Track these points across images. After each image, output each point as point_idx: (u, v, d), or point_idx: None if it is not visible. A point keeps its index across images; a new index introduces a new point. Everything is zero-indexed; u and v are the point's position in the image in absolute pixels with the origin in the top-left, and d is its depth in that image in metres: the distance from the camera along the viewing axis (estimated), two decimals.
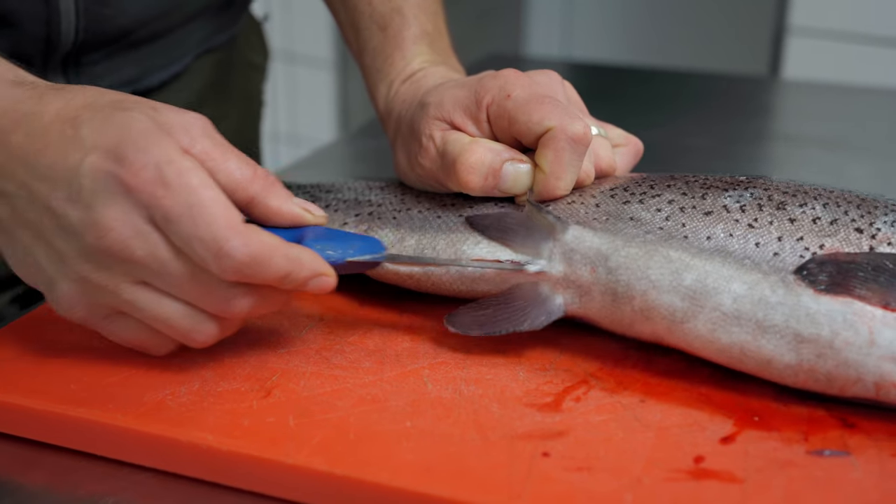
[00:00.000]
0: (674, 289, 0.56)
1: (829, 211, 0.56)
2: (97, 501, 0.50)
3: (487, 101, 0.62)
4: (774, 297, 0.54)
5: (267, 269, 0.52)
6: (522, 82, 0.62)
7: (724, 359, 0.56)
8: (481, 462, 0.49)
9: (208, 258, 0.51)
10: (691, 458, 0.50)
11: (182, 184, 0.51)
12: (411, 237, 0.65)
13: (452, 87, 0.65)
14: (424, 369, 0.58)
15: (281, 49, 2.42)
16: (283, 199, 0.56)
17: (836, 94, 1.40)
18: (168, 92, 0.90)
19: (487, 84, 0.63)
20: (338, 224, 0.68)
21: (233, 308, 0.54)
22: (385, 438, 0.51)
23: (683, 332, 0.56)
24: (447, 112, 0.63)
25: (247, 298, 0.54)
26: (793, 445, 0.51)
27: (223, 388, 0.55)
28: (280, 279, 0.53)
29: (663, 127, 1.23)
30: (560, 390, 0.56)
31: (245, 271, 0.52)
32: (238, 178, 0.54)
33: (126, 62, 0.83)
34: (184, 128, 0.53)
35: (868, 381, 0.52)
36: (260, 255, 0.52)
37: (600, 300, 0.59)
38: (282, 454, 0.50)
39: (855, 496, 0.47)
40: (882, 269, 0.53)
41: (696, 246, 0.57)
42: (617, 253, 0.58)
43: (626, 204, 0.60)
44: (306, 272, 0.53)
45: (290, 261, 0.53)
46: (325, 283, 0.55)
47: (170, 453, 0.52)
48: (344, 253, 0.58)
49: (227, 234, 0.51)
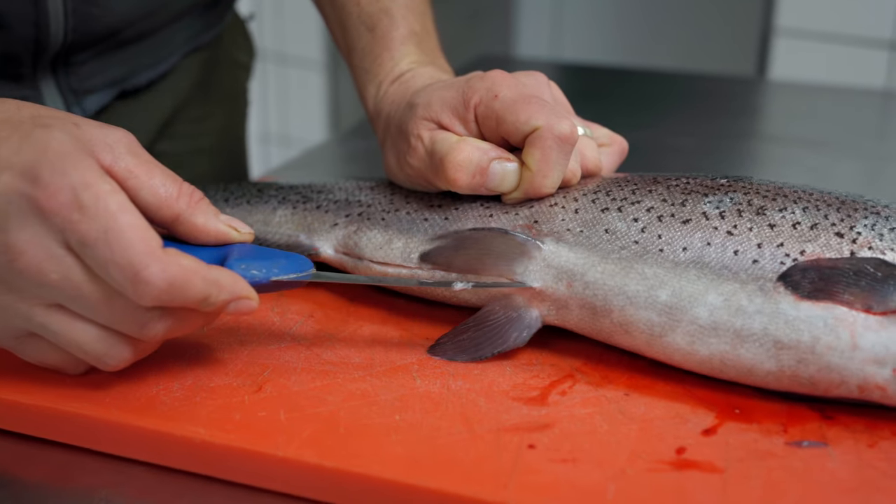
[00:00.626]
0: (650, 304, 0.57)
1: (809, 215, 0.57)
2: (91, 495, 0.51)
3: (475, 101, 0.63)
4: (752, 306, 0.55)
5: (185, 293, 0.51)
6: (509, 83, 0.63)
7: (706, 370, 0.57)
8: (468, 454, 0.50)
9: (125, 284, 0.50)
10: (674, 449, 0.51)
11: (99, 208, 0.50)
12: (399, 240, 0.66)
13: (440, 87, 0.66)
14: (413, 364, 0.59)
15: (272, 50, 2.43)
16: (209, 217, 0.56)
17: (822, 95, 1.41)
18: (154, 92, 0.91)
19: (475, 85, 0.64)
20: (328, 224, 0.69)
21: (149, 332, 0.53)
22: (374, 432, 0.52)
23: (662, 346, 0.57)
24: (435, 112, 0.64)
25: (163, 322, 0.53)
26: (772, 437, 0.52)
27: (215, 384, 0.56)
28: (199, 303, 0.52)
29: (651, 127, 1.24)
30: (546, 384, 0.57)
31: (163, 297, 0.51)
32: (163, 196, 0.54)
33: (114, 62, 0.84)
34: (107, 145, 0.53)
35: (852, 384, 0.53)
36: (178, 281, 0.51)
37: (578, 313, 0.60)
38: (273, 447, 0.51)
39: (831, 485, 0.48)
40: (864, 273, 0.54)
41: (672, 259, 0.57)
42: (594, 269, 0.59)
43: (604, 212, 0.61)
44: (225, 295, 0.53)
45: (209, 284, 0.52)
46: (246, 307, 0.54)
47: (163, 447, 0.53)
48: (269, 272, 0.57)
49: (144, 259, 0.50)
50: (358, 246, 0.67)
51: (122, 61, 0.85)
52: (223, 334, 0.62)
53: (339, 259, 0.68)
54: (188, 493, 0.52)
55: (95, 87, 0.84)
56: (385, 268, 0.65)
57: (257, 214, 0.73)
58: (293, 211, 0.72)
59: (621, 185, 0.63)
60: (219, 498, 0.51)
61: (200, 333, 0.62)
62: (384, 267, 0.65)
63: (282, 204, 0.72)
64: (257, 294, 0.54)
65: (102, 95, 0.85)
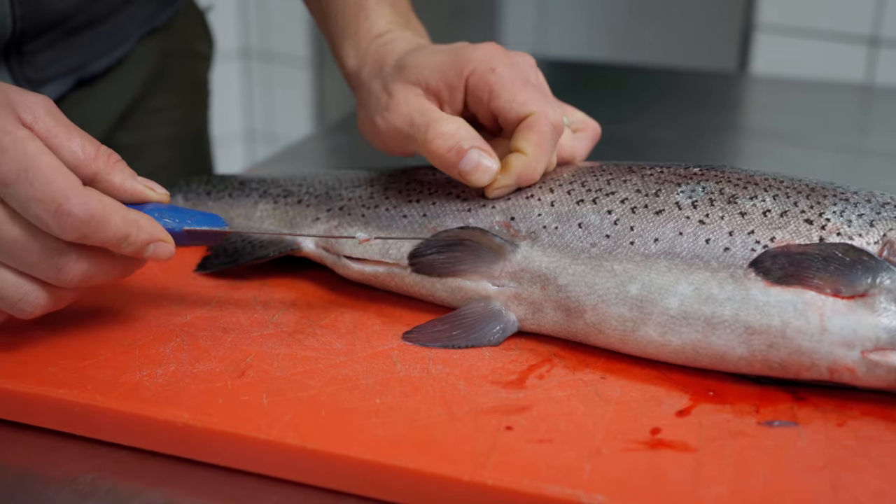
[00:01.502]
0: (621, 300, 0.58)
1: (779, 203, 0.58)
2: (76, 479, 0.52)
3: (469, 70, 0.64)
4: (723, 293, 0.56)
5: (106, 228, 0.54)
6: (505, 60, 0.64)
7: (680, 359, 0.58)
8: (447, 435, 0.51)
9: (47, 218, 0.52)
10: (648, 430, 0.52)
11: (17, 150, 0.52)
12: (378, 235, 0.66)
13: (433, 52, 0.66)
14: (394, 350, 0.60)
15: (257, 48, 2.43)
16: (126, 177, 0.58)
17: (802, 89, 1.43)
18: (112, 80, 0.90)
19: (470, 54, 0.64)
20: (310, 220, 0.70)
21: (65, 275, 0.55)
22: (355, 414, 0.53)
23: (636, 340, 0.58)
24: (424, 76, 0.65)
25: (79, 265, 0.55)
26: (744, 417, 0.53)
27: (198, 370, 0.57)
28: (119, 241, 0.54)
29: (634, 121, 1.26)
30: (524, 368, 0.58)
31: (84, 229, 0.53)
32: (81, 156, 0.56)
33: (69, 49, 0.84)
34: (27, 106, 0.55)
35: (822, 367, 0.55)
36: (99, 214, 0.53)
37: (553, 315, 0.61)
38: (255, 430, 0.51)
39: (801, 462, 0.49)
40: (832, 258, 0.55)
41: (642, 252, 0.58)
42: (565, 271, 0.60)
43: (579, 204, 0.62)
44: (144, 235, 0.55)
45: (128, 222, 0.54)
46: (163, 250, 0.56)
47: (147, 431, 0.53)
48: (182, 223, 0.59)
49: (66, 193, 0.52)
50: (339, 242, 0.67)
51: (77, 48, 0.84)
52: (205, 322, 0.63)
53: (320, 254, 0.69)
54: (172, 477, 0.52)
55: (52, 75, 0.83)
56: (363, 265, 0.66)
57: (239, 208, 0.73)
58: (274, 205, 0.72)
59: (597, 175, 0.64)
60: (202, 480, 0.52)
61: (184, 320, 0.63)
62: (362, 264, 0.66)
63: (263, 198, 0.73)
64: None
65: (59, 85, 0.85)
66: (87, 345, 0.59)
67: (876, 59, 1.68)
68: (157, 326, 0.62)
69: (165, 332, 0.61)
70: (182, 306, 0.65)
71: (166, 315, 0.64)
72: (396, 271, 0.65)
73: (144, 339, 0.60)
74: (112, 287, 0.67)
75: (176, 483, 0.52)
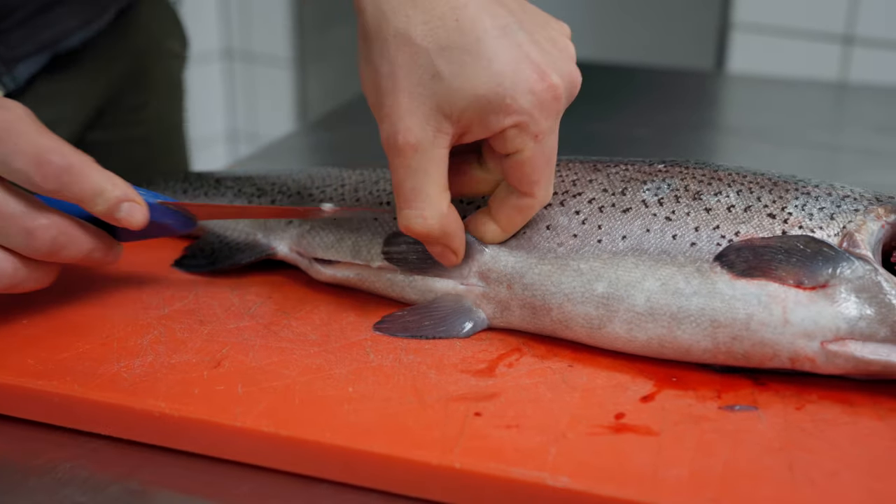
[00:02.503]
0: (587, 299, 0.59)
1: (742, 198, 0.60)
2: (55, 468, 0.53)
3: (509, 122, 0.56)
4: (689, 287, 0.57)
5: (83, 179, 0.56)
6: (544, 122, 0.57)
7: (646, 353, 0.59)
8: (417, 422, 0.52)
9: (29, 168, 0.55)
10: (613, 415, 0.53)
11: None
12: (349, 238, 0.68)
13: (477, 73, 0.55)
14: (367, 341, 0.61)
15: (239, 48, 2.44)
16: None
17: (778, 87, 1.44)
18: (84, 78, 0.90)
19: (516, 102, 0.55)
20: (283, 222, 0.71)
21: (35, 240, 0.56)
22: (328, 402, 0.54)
23: (603, 336, 0.60)
24: (458, 110, 0.55)
25: (49, 231, 0.57)
26: (706, 402, 0.55)
27: (175, 361, 0.58)
28: (94, 194, 0.57)
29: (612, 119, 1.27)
30: (494, 357, 0.60)
31: (63, 177, 0.55)
32: None
33: (42, 25, 0.84)
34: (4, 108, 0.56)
35: (783, 357, 0.56)
36: (77, 165, 0.56)
37: (520, 314, 0.62)
38: (230, 418, 0.53)
39: (759, 444, 0.51)
40: (794, 250, 0.56)
41: (609, 250, 0.60)
42: (531, 270, 0.61)
43: (547, 208, 0.63)
44: (119, 192, 0.57)
45: (105, 177, 0.57)
46: (137, 212, 0.58)
47: (124, 420, 0.54)
48: (155, 196, 0.62)
49: (47, 145, 0.55)
50: (311, 246, 0.69)
51: (51, 23, 0.84)
52: (183, 315, 0.64)
53: (294, 258, 0.70)
54: (148, 465, 0.54)
55: (25, 53, 0.83)
56: (335, 269, 0.67)
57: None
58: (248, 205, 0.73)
59: (562, 177, 0.65)
60: (178, 468, 0.53)
61: (162, 314, 0.64)
62: (334, 269, 0.67)
63: (237, 197, 0.74)
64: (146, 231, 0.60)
65: (34, 62, 0.85)
66: (66, 338, 0.60)
67: (850, 57, 1.71)
68: (135, 320, 0.63)
69: (143, 325, 0.62)
70: (159, 300, 0.66)
71: (144, 308, 0.65)
72: (367, 275, 0.66)
73: (122, 331, 0.61)
74: (90, 281, 0.68)
75: (153, 471, 0.53)
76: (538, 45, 0.57)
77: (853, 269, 0.56)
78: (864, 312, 0.55)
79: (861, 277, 0.55)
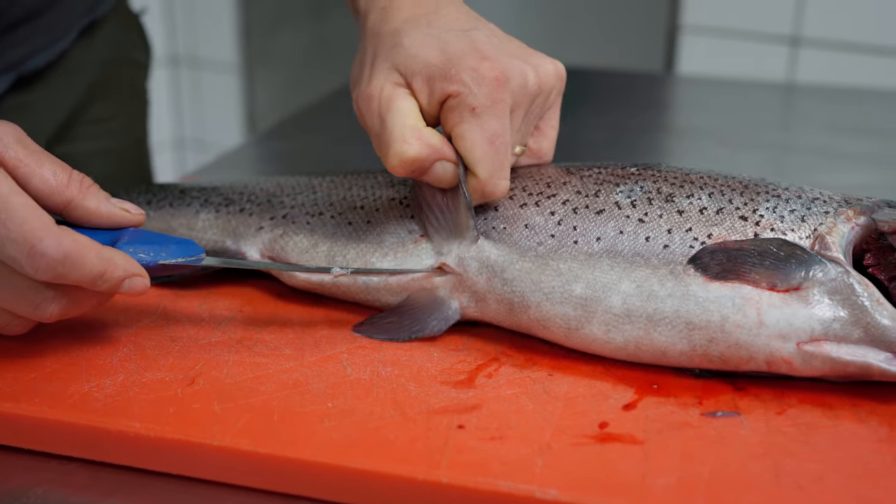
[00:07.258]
0: (565, 299, 0.59)
1: (714, 200, 0.60)
2: (27, 493, 0.51)
3: (452, 90, 0.60)
4: (664, 290, 0.58)
5: (81, 268, 0.53)
6: (493, 94, 0.60)
7: (623, 355, 0.59)
8: (400, 436, 0.52)
9: (21, 258, 0.52)
10: (596, 424, 0.53)
11: None
12: (324, 244, 0.67)
13: (431, 41, 0.62)
14: (343, 354, 0.60)
15: (185, 54, 2.41)
16: (101, 200, 0.58)
17: (727, 89, 1.46)
18: (50, 91, 0.89)
19: (462, 77, 0.60)
20: (253, 228, 0.70)
21: (42, 312, 0.55)
22: (307, 418, 0.53)
23: (580, 338, 0.59)
24: (411, 70, 0.61)
25: (56, 303, 0.55)
26: (688, 409, 0.55)
27: (147, 379, 0.57)
28: (94, 279, 0.54)
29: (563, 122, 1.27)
30: (473, 368, 0.59)
31: (59, 269, 0.53)
32: (54, 184, 0.56)
33: (8, 44, 0.82)
34: None
35: (760, 359, 0.56)
36: (73, 254, 0.53)
37: (496, 308, 0.62)
38: (208, 437, 0.52)
39: (743, 450, 0.51)
40: (767, 253, 0.57)
41: (585, 251, 0.60)
42: (512, 266, 0.61)
43: (522, 207, 0.63)
44: (120, 272, 0.55)
45: (103, 261, 0.54)
46: (139, 284, 0.56)
47: (98, 443, 0.53)
48: (157, 256, 0.59)
49: (39, 233, 0.52)
50: (284, 251, 0.68)
51: (17, 43, 0.83)
52: (152, 332, 0.63)
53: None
54: (123, 487, 0.52)
55: None
56: (309, 274, 0.66)
57: (180, 218, 0.73)
58: (216, 214, 0.72)
59: (535, 179, 0.65)
60: (155, 490, 0.52)
61: (131, 330, 0.63)
62: (308, 273, 0.66)
63: (204, 207, 0.73)
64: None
65: (0, 81, 0.83)
66: (33, 357, 0.59)
67: (797, 58, 1.73)
68: (103, 337, 0.62)
69: (112, 343, 0.61)
70: (127, 316, 0.65)
71: (112, 325, 0.63)
72: (342, 280, 0.65)
73: (91, 349, 0.60)
74: None
75: (128, 494, 0.52)
76: (495, 47, 0.62)
77: (825, 272, 0.56)
78: (838, 314, 0.55)
79: (833, 280, 0.56)
